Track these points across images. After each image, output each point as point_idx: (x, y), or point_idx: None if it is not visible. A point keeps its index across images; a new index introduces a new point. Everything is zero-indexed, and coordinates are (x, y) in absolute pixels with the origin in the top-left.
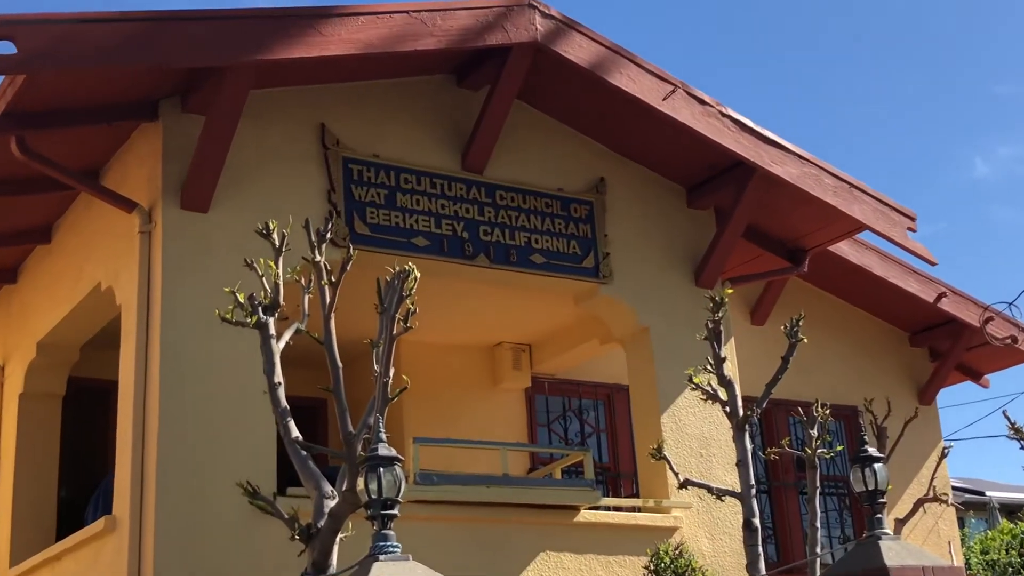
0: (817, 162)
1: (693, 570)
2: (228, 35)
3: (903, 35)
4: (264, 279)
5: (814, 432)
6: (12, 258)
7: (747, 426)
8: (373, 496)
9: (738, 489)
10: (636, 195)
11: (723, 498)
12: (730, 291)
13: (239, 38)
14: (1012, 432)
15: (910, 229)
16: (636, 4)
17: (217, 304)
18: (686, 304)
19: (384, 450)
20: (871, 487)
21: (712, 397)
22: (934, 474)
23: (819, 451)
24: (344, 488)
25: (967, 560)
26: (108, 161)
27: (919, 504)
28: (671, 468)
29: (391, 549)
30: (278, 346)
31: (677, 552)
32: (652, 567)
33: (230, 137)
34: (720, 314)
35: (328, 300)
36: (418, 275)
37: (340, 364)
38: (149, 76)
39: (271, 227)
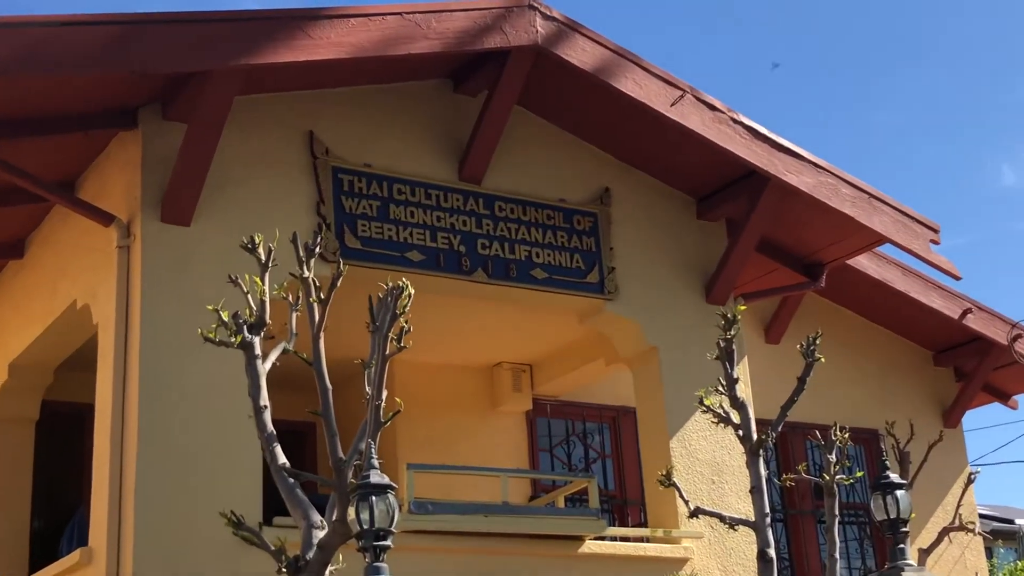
0: (834, 171)
1: None
2: (212, 38)
3: (924, 38)
4: (249, 296)
5: (832, 457)
6: None
7: (761, 451)
8: (365, 526)
9: (752, 518)
10: (643, 206)
11: (736, 527)
12: (743, 307)
13: (223, 41)
14: None
15: (933, 241)
16: (642, 6)
17: (199, 322)
18: (696, 322)
19: (376, 477)
20: (893, 515)
21: (724, 420)
22: (960, 501)
23: (838, 477)
24: (334, 518)
25: None
26: (84, 172)
27: (944, 533)
28: (681, 496)
29: None
30: (264, 367)
31: None
32: None
33: (213, 146)
34: (732, 332)
35: (317, 318)
36: (412, 292)
37: (330, 386)
38: (128, 82)
39: (256, 241)
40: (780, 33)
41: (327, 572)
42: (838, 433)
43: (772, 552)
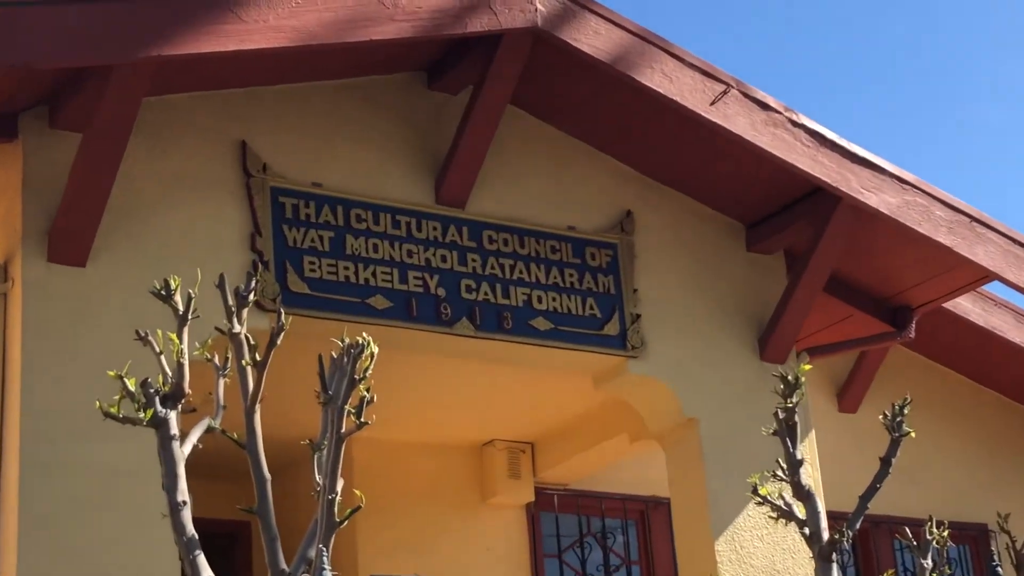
0: (925, 187)
1: None
2: (114, 23)
3: None
4: (163, 358)
5: (928, 562)
6: None
7: (835, 554)
8: None
9: None
10: (676, 235)
11: None
12: (808, 366)
13: (128, 27)
14: None
15: None
16: None
17: (98, 392)
18: (748, 385)
19: None
20: None
21: (785, 515)
22: None
23: None
24: None
25: None
26: None
27: None
28: None
29: None
30: (183, 450)
31: None
32: None
33: (116, 162)
34: (795, 399)
35: (252, 386)
36: (376, 349)
37: (268, 475)
38: (5, 80)
39: (172, 286)
40: (845, 17)
41: None
42: (935, 530)
43: None
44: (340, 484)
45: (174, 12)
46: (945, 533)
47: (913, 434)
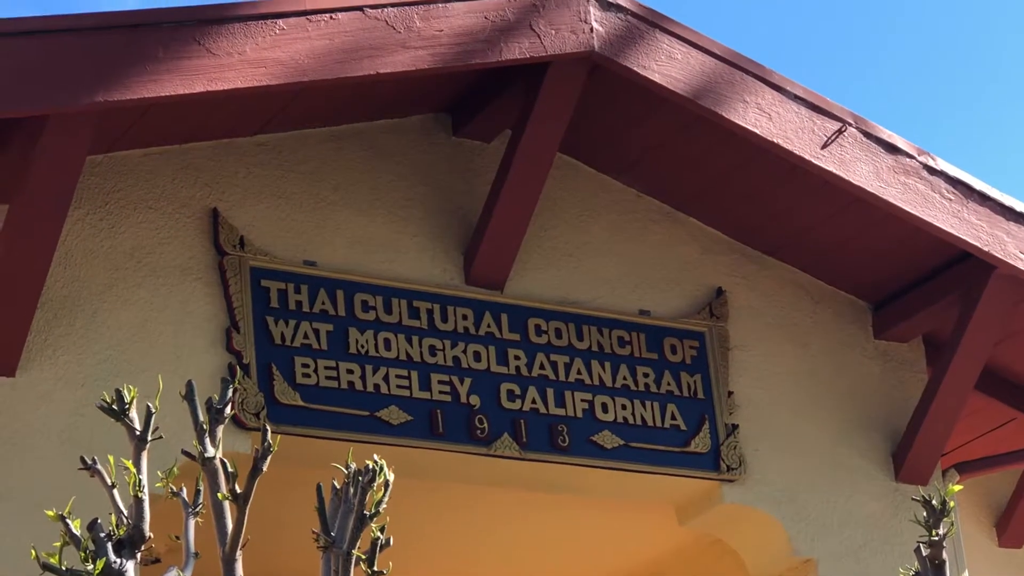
0: None
1: None
2: (46, 62)
3: None
4: (116, 492)
5: None
6: None
7: None
8: None
9: None
10: (782, 319)
11: None
12: (959, 487)
13: (66, 66)
14: None
15: None
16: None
17: (34, 536)
18: (880, 514)
19: None
20: None
21: None
22: None
23: None
24: None
25: None
26: None
27: None
28: None
29: None
30: None
31: None
32: None
33: (54, 240)
34: (943, 530)
35: (231, 528)
36: (391, 477)
37: None
38: None
39: (127, 399)
40: (994, 29)
41: None
42: None
43: None
44: None
45: (124, 46)
46: None
47: None
